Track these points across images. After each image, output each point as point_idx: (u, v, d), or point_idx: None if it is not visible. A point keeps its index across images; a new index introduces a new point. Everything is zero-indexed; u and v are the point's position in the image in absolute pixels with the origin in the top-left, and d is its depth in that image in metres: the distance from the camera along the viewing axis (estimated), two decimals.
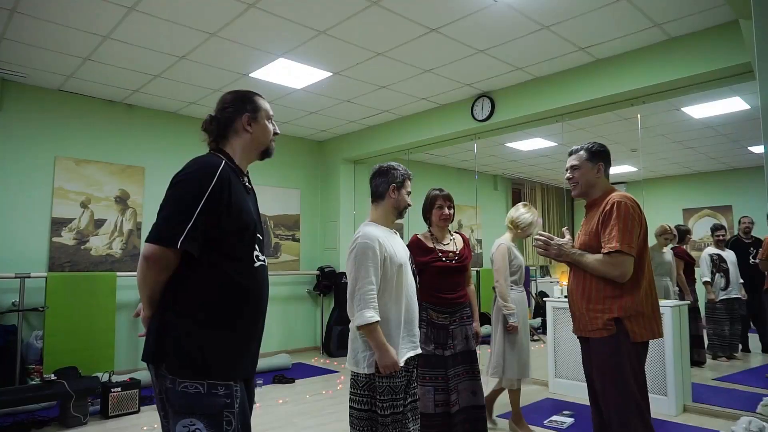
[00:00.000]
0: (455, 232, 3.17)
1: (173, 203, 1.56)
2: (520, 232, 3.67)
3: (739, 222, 6.16)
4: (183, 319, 1.55)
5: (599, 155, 2.42)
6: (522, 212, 3.67)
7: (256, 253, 1.69)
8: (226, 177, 1.62)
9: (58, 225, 5.19)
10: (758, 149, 7.38)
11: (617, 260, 2.16)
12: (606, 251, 2.19)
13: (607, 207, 2.25)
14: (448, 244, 3.04)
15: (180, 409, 1.51)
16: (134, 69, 4.73)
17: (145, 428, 3.84)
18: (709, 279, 5.76)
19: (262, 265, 1.72)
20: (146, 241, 1.54)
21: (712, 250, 5.86)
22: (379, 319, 2.21)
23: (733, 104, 5.53)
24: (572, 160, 2.47)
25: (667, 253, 5.38)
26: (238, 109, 1.76)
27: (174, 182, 1.60)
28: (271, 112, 1.85)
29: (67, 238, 5.24)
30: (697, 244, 8.22)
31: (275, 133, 1.86)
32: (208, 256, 1.58)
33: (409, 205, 2.52)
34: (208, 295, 1.57)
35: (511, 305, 3.49)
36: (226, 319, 1.59)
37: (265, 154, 1.85)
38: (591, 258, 2.26)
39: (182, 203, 1.55)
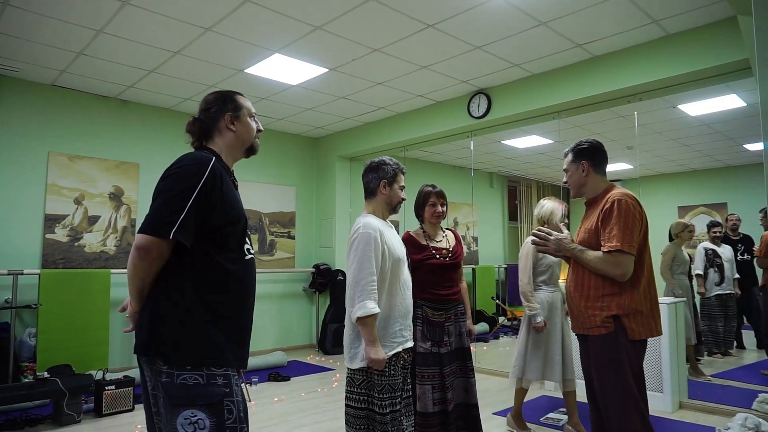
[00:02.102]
0: (447, 229, 3.15)
1: (165, 195, 1.57)
2: (548, 224, 3.51)
3: (726, 219, 6.17)
4: (177, 309, 1.56)
5: (581, 153, 2.40)
6: (542, 203, 3.56)
7: (246, 246, 1.72)
8: (218, 170, 1.64)
9: (51, 221, 5.14)
10: (754, 147, 7.39)
11: (618, 259, 2.15)
12: (606, 250, 2.17)
13: (607, 205, 2.22)
14: (441, 241, 3.02)
15: (180, 401, 1.51)
16: (128, 64, 4.69)
17: (139, 426, 3.81)
18: (701, 272, 5.76)
19: (251, 258, 1.75)
20: (138, 231, 1.55)
21: (707, 244, 5.86)
22: (379, 310, 2.19)
23: (729, 101, 5.53)
24: (564, 164, 2.48)
25: (685, 250, 5.34)
26: (221, 108, 1.79)
27: (165, 175, 1.61)
28: (253, 110, 1.87)
29: (60, 234, 5.20)
30: (693, 242, 8.24)
31: (259, 130, 1.88)
32: (202, 247, 1.59)
33: (403, 200, 2.49)
34: (202, 285, 1.58)
35: (534, 304, 3.42)
36: (220, 309, 1.61)
37: (250, 151, 1.87)
38: (592, 255, 2.24)
39: (174, 195, 1.56)
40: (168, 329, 1.54)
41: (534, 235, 2.42)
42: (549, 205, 3.51)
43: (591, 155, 2.39)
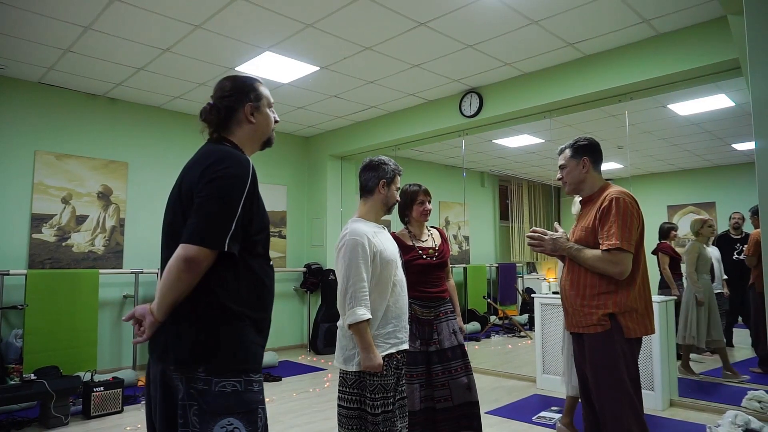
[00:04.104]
0: (432, 227, 3.13)
1: (215, 201, 1.46)
2: None
3: (730, 218, 6.15)
4: (220, 317, 1.49)
5: (582, 149, 2.40)
6: (576, 201, 3.42)
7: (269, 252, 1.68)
8: (255, 172, 1.57)
9: (38, 221, 5.07)
10: (742, 146, 7.47)
11: (617, 257, 2.14)
12: (605, 248, 2.17)
13: (605, 203, 2.22)
14: (426, 240, 3.00)
15: (219, 410, 1.43)
16: (117, 61, 4.63)
17: (128, 428, 3.77)
18: None
19: (272, 263, 1.70)
20: (188, 242, 1.43)
21: None
22: (370, 317, 2.18)
23: (718, 101, 5.57)
24: (560, 160, 2.47)
25: (709, 248, 5.20)
26: (240, 98, 1.66)
27: (211, 178, 1.48)
28: (272, 100, 1.77)
29: (47, 234, 5.12)
30: (681, 240, 8.31)
31: (275, 121, 1.79)
32: (239, 254, 1.53)
33: (398, 201, 2.50)
34: (240, 292, 1.53)
35: None
36: (254, 315, 1.56)
37: (266, 144, 1.78)
38: (590, 254, 2.23)
39: (224, 201, 1.47)
40: (212, 337, 1.47)
41: (528, 236, 2.41)
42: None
43: (591, 152, 2.39)
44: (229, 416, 1.44)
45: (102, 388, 4.05)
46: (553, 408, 4.12)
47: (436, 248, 2.98)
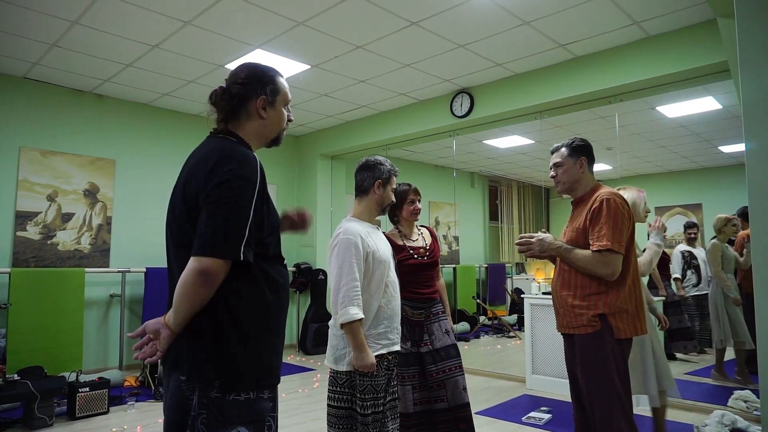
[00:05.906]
0: (421, 226, 3.12)
1: (225, 208, 1.37)
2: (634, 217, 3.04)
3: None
4: (236, 329, 1.41)
5: (580, 150, 2.41)
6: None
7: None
8: (263, 171, 1.47)
9: (22, 219, 4.99)
10: (729, 149, 7.55)
11: (608, 259, 2.15)
12: (596, 249, 2.17)
13: (596, 204, 2.22)
14: (417, 240, 2.99)
15: (229, 420, 1.38)
16: (104, 57, 4.57)
17: (114, 429, 3.72)
18: (679, 275, 5.83)
19: (285, 261, 1.61)
20: (201, 254, 1.34)
21: (683, 247, 5.95)
22: (363, 316, 2.17)
23: (705, 104, 5.62)
24: (555, 158, 2.46)
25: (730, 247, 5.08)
26: (255, 89, 1.53)
27: (219, 181, 1.39)
28: (289, 97, 1.64)
29: (32, 232, 5.04)
30: (669, 242, 8.39)
31: (289, 120, 1.66)
32: (255, 259, 1.44)
33: (393, 202, 2.49)
34: (257, 298, 1.45)
35: None
36: (275, 323, 1.49)
37: (273, 142, 1.66)
38: (580, 254, 2.23)
39: (235, 207, 1.38)
40: (229, 350, 1.40)
41: (517, 243, 2.41)
42: (628, 196, 2.93)
43: (588, 152, 2.41)
44: (238, 426, 1.39)
45: (87, 389, 3.99)
46: (542, 408, 4.13)
47: (427, 247, 2.97)
